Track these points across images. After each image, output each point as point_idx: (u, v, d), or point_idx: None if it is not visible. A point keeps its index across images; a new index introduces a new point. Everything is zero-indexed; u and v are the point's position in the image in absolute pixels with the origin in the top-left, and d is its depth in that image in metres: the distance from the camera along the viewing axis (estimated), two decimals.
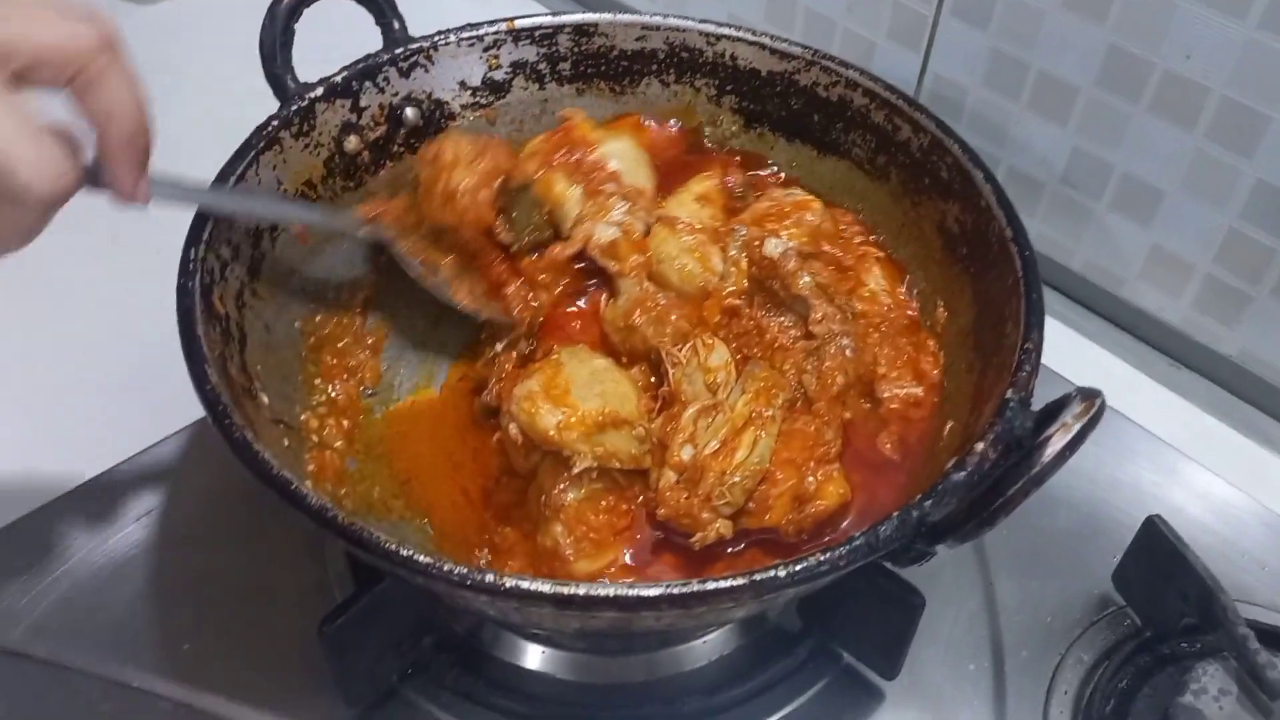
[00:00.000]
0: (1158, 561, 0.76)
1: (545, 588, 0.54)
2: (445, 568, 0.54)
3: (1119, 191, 0.97)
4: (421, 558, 0.55)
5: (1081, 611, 0.81)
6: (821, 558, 0.56)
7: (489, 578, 0.54)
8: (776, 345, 0.78)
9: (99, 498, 0.85)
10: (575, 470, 0.69)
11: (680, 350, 0.76)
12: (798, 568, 0.55)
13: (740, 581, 0.54)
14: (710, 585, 0.54)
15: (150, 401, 0.90)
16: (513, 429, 0.71)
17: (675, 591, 0.54)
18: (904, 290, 0.83)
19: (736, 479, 0.69)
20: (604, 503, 0.71)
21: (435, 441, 0.81)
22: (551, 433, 0.69)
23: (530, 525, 0.74)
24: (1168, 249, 0.96)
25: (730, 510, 0.70)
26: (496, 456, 0.78)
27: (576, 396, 0.70)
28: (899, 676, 0.75)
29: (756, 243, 0.79)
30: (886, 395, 0.77)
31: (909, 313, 0.82)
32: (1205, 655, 0.76)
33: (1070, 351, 1.01)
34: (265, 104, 0.80)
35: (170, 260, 0.69)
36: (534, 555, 0.72)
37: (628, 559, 0.71)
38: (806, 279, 0.77)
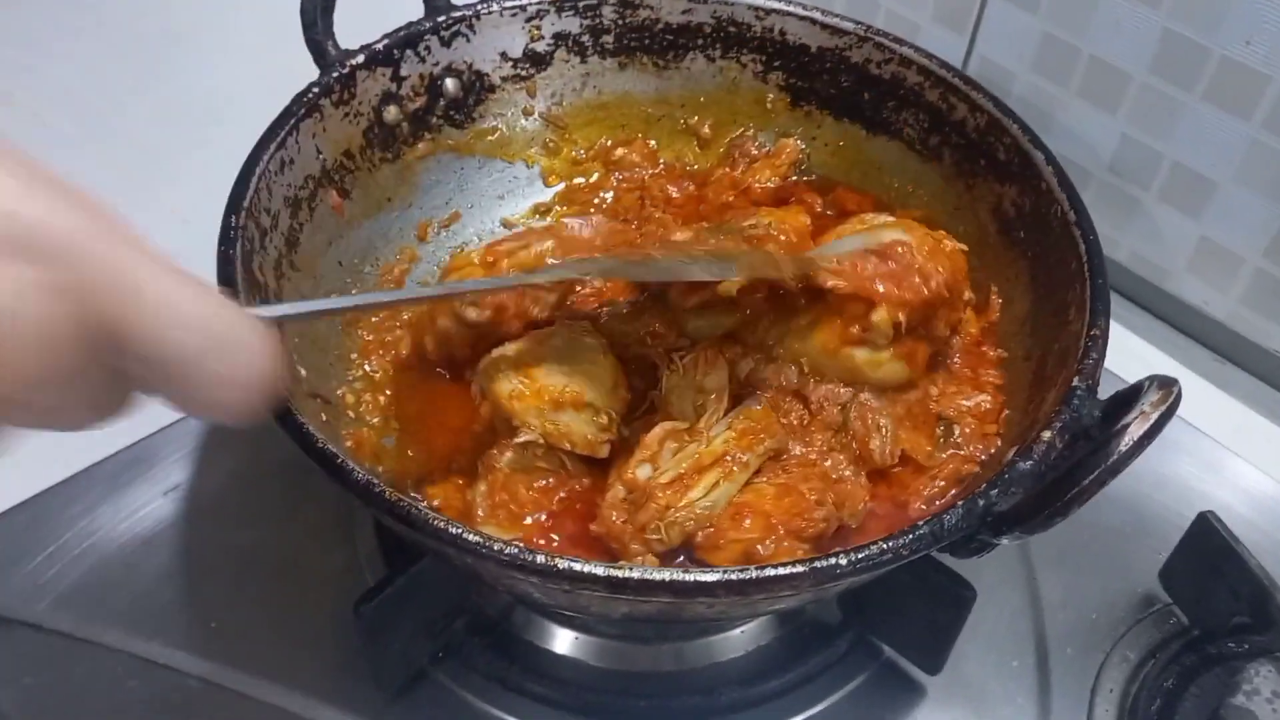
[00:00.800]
0: (1208, 559, 0.74)
1: (599, 570, 0.52)
2: (495, 547, 0.52)
3: (1169, 181, 0.94)
4: (471, 536, 0.53)
5: (1126, 609, 0.80)
6: (884, 545, 0.54)
7: (540, 559, 0.52)
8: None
9: (127, 470, 0.83)
10: (518, 440, 0.68)
11: (682, 358, 0.72)
12: (859, 556, 0.53)
13: (800, 569, 0.52)
14: (769, 572, 0.52)
15: None
16: (474, 386, 0.71)
17: (733, 578, 0.52)
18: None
19: (679, 517, 0.65)
20: (540, 482, 0.69)
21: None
22: (502, 399, 0.69)
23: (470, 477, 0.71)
24: (1217, 241, 0.94)
25: (662, 548, 0.66)
26: None
27: (543, 369, 0.69)
28: (940, 673, 0.73)
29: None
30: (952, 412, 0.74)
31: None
32: (1256, 655, 0.75)
33: (1114, 344, 0.98)
34: (306, 70, 0.78)
35: (198, 229, 0.67)
36: (449, 501, 0.70)
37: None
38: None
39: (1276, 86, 0.84)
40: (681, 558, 0.67)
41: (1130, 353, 0.99)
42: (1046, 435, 0.58)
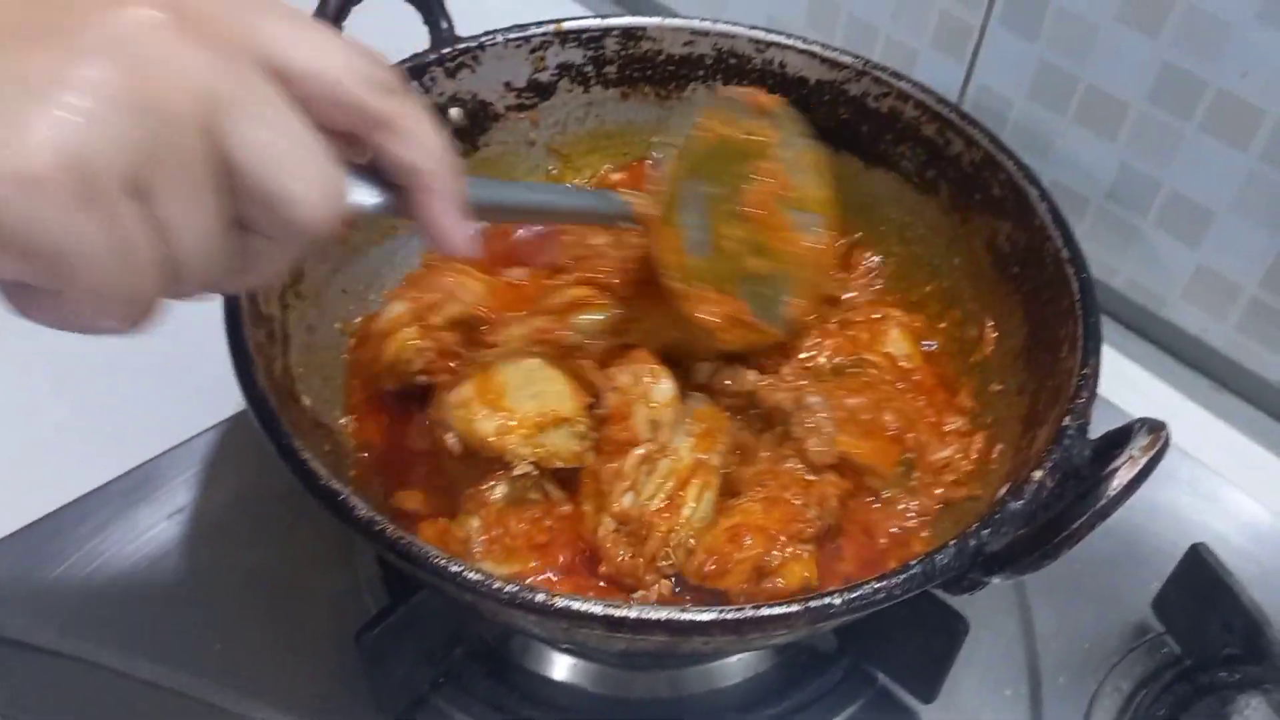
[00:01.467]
0: (1201, 590, 0.75)
1: (597, 609, 0.53)
2: (495, 585, 0.53)
3: (1166, 209, 0.95)
4: (471, 574, 0.54)
5: (1119, 638, 0.80)
6: (877, 585, 0.55)
7: (539, 597, 0.53)
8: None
9: (132, 493, 0.84)
10: (516, 472, 0.67)
11: (621, 373, 0.72)
12: (853, 595, 0.54)
13: (795, 609, 0.53)
14: (765, 611, 0.53)
15: (185, 396, 0.89)
16: (450, 438, 0.68)
17: (729, 617, 0.53)
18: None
19: (681, 537, 0.67)
20: (529, 514, 0.69)
21: None
22: (491, 438, 0.67)
23: (449, 506, 0.71)
24: (1214, 270, 0.95)
25: (673, 571, 0.68)
26: None
27: (513, 399, 0.68)
28: (935, 701, 0.74)
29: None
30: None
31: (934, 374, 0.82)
32: (1246, 687, 0.75)
33: (1110, 371, 0.98)
34: None
35: None
36: (443, 540, 0.70)
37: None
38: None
39: (1272, 119, 0.85)
40: (678, 587, 0.69)
41: (1127, 380, 0.99)
42: (1038, 475, 0.59)
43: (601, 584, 0.69)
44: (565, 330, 0.74)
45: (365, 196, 0.50)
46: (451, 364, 0.74)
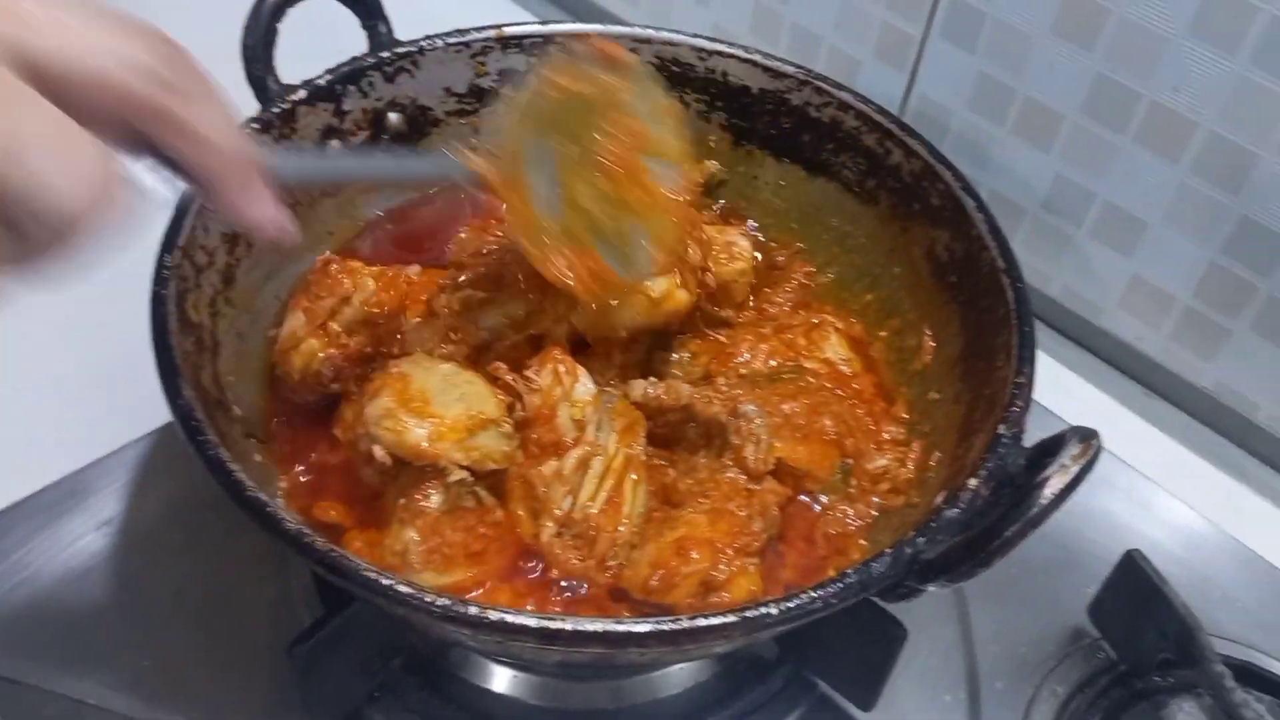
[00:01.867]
0: (1136, 597, 0.76)
1: (531, 622, 0.52)
2: (426, 599, 0.53)
3: (1101, 220, 0.97)
4: (402, 588, 0.53)
5: (1056, 644, 0.81)
6: (813, 595, 0.55)
7: (472, 610, 0.52)
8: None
9: (59, 504, 0.82)
10: (452, 479, 0.66)
11: (539, 374, 0.71)
12: (790, 605, 0.54)
13: (732, 619, 0.53)
14: (701, 622, 0.53)
15: (113, 405, 0.87)
16: (377, 451, 0.66)
17: (665, 628, 0.52)
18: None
19: (626, 533, 0.68)
20: (463, 521, 0.68)
21: None
22: (424, 445, 0.65)
23: (380, 520, 0.70)
24: (1148, 280, 0.96)
25: (621, 569, 0.68)
26: None
27: (438, 404, 0.67)
28: (874, 708, 0.74)
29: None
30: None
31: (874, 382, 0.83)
32: (1180, 691, 0.77)
33: (1047, 379, 1.00)
34: (242, 102, 0.77)
35: (135, 257, 0.66)
36: (377, 552, 0.69)
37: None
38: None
39: (1204, 132, 0.86)
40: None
41: (1063, 388, 1.01)
42: (973, 483, 0.59)
43: (553, 595, 0.69)
44: (471, 328, 0.74)
45: (161, 185, 0.49)
46: (361, 369, 0.73)
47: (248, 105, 0.77)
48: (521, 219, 0.67)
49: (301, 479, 0.74)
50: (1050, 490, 0.55)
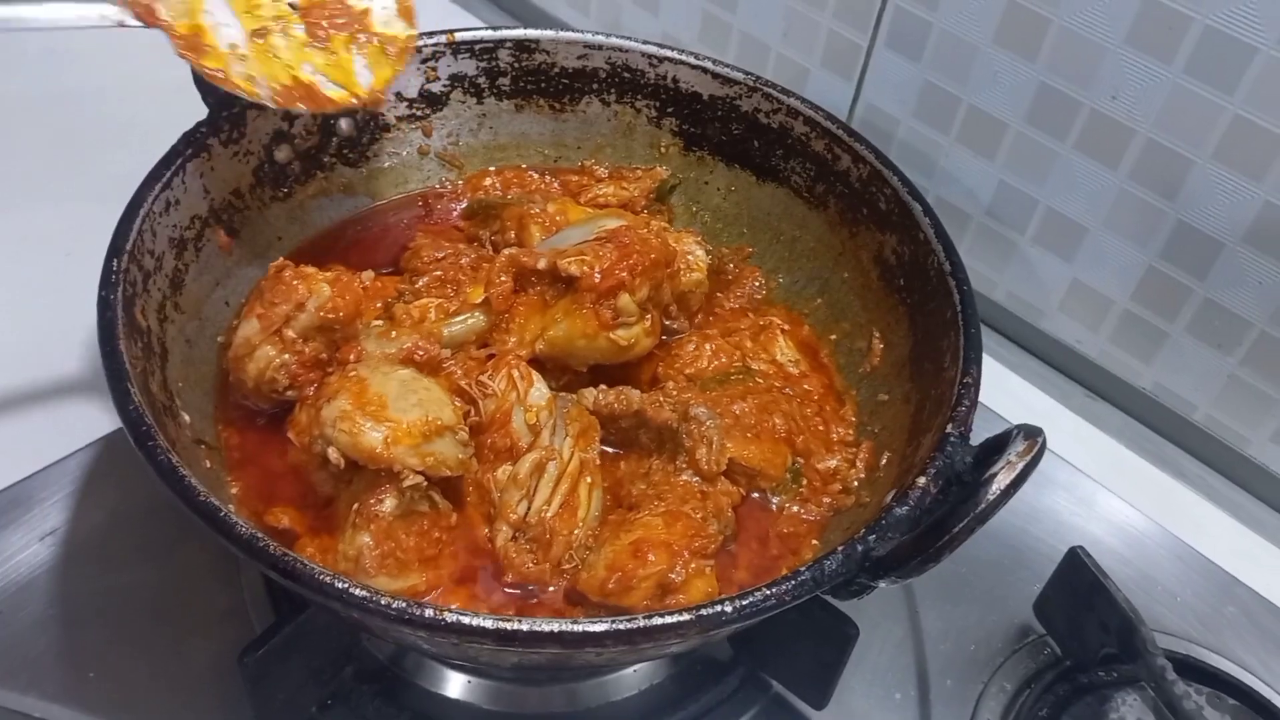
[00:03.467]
0: (1079, 593, 0.78)
1: (487, 623, 0.52)
2: (382, 602, 0.52)
3: (1043, 226, 0.99)
4: (357, 591, 0.53)
5: (1003, 640, 0.83)
6: (767, 592, 0.55)
7: (428, 612, 0.52)
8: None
9: (1, 515, 0.80)
10: (406, 483, 0.66)
11: (494, 380, 0.72)
12: (744, 603, 0.55)
13: (686, 618, 0.53)
14: (656, 621, 0.53)
15: (57, 414, 0.86)
16: (332, 453, 0.66)
17: (621, 628, 0.53)
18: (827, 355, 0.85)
19: (581, 536, 0.69)
20: (417, 526, 0.68)
21: None
22: (379, 449, 0.65)
23: (332, 526, 0.70)
24: (1088, 284, 0.99)
25: (573, 570, 0.69)
26: None
27: (395, 409, 0.67)
28: (826, 707, 0.75)
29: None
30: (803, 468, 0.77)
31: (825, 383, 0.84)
32: (1123, 685, 0.78)
33: (992, 381, 1.02)
34: (191, 104, 0.76)
35: (81, 264, 0.65)
36: (330, 557, 0.69)
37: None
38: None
39: (1140, 140, 0.89)
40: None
41: (1007, 390, 1.03)
42: (922, 481, 0.60)
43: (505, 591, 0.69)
44: (433, 346, 0.74)
45: None
46: (316, 375, 0.73)
47: (196, 108, 0.77)
48: (205, 54, 0.70)
49: (252, 485, 0.73)
50: (997, 486, 0.56)
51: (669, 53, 0.88)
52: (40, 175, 1.04)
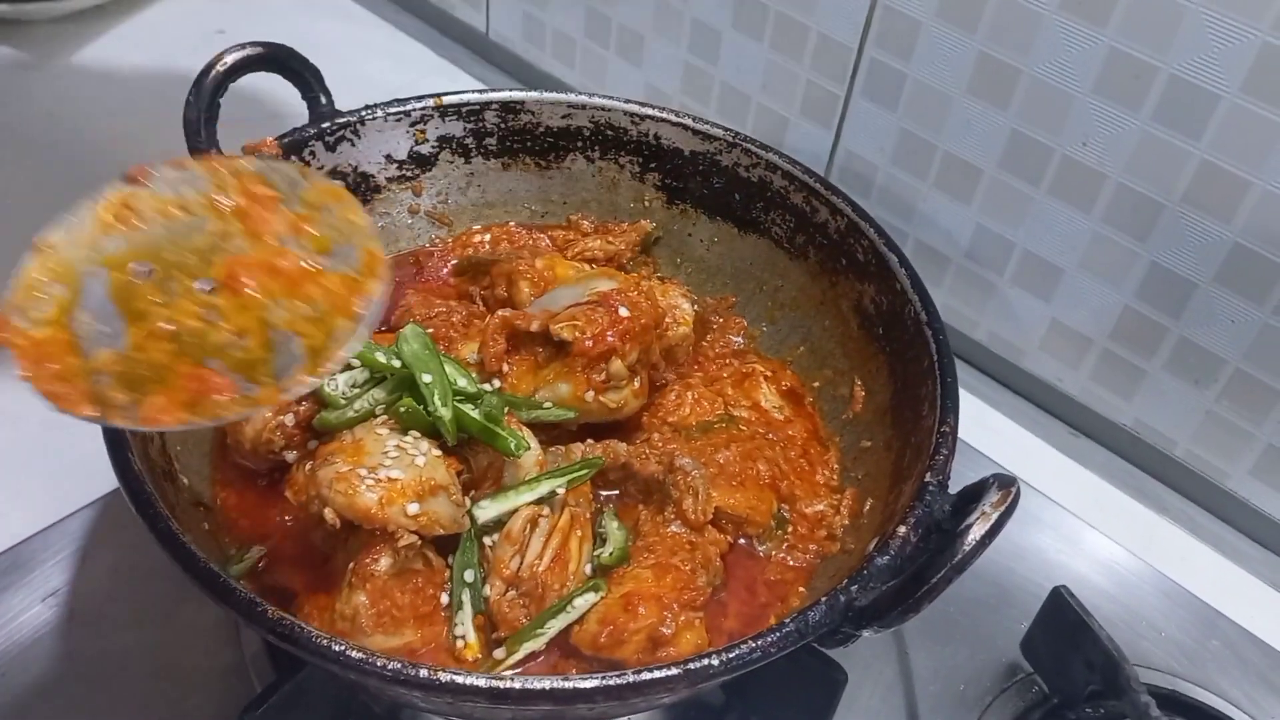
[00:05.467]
0: (1064, 631, 0.79)
1: (480, 682, 0.54)
2: (378, 663, 0.54)
3: (1020, 267, 1.01)
4: (354, 653, 0.54)
5: (992, 679, 0.84)
6: (753, 645, 0.57)
7: (423, 673, 0.54)
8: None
9: (3, 577, 0.82)
10: (401, 543, 0.67)
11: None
12: (730, 656, 0.56)
13: (675, 672, 0.55)
14: (645, 676, 0.55)
15: (55, 475, 0.87)
16: (328, 513, 0.67)
17: (611, 683, 0.54)
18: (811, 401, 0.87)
19: (570, 587, 0.70)
20: (412, 583, 0.69)
21: None
22: (374, 510, 0.66)
23: (329, 583, 0.71)
24: (1067, 323, 1.01)
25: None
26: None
27: (386, 470, 0.68)
28: None
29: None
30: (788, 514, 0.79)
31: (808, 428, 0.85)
32: None
33: (975, 419, 1.05)
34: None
35: None
36: (327, 616, 0.69)
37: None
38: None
39: (1112, 184, 0.91)
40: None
41: (990, 428, 1.04)
42: (902, 530, 0.62)
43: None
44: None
45: None
46: (312, 435, 0.74)
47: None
48: (56, 367, 0.57)
49: (249, 545, 0.74)
50: (973, 537, 0.58)
51: (650, 111, 0.90)
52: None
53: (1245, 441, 0.94)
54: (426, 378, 0.72)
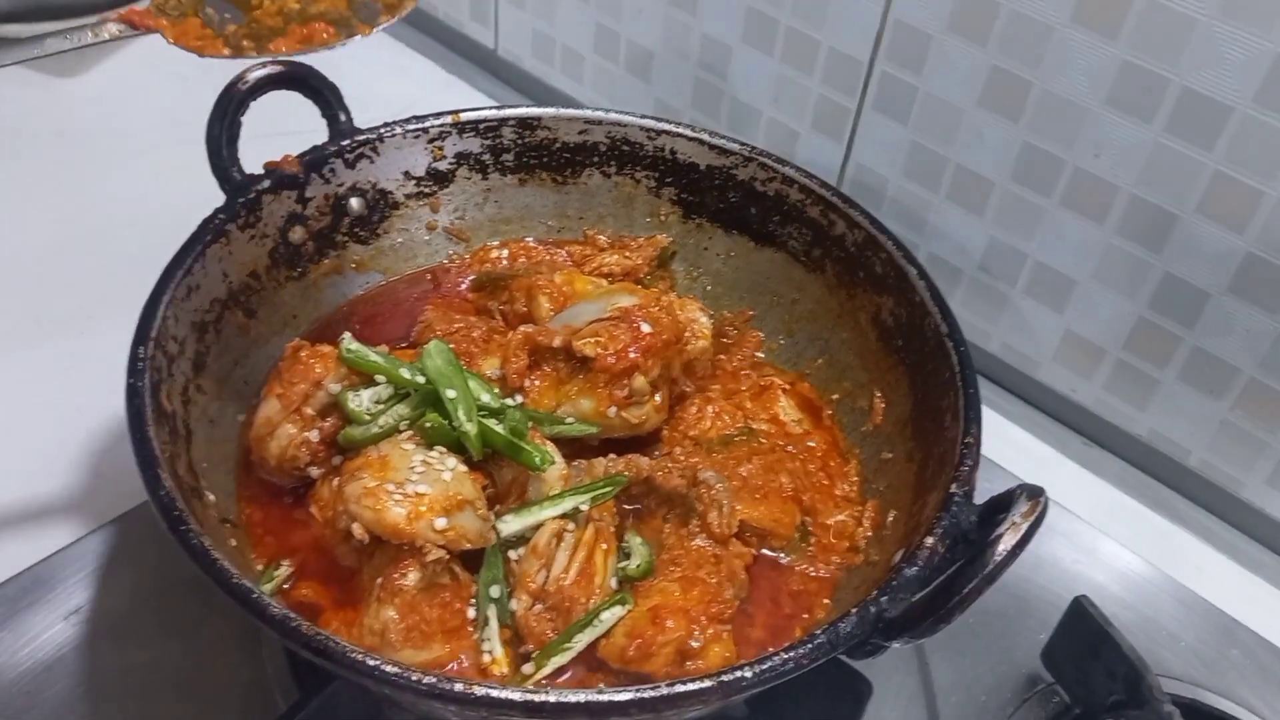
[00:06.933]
0: (1085, 641, 0.79)
1: (516, 696, 0.54)
2: (413, 677, 0.54)
3: (1033, 279, 1.02)
4: (388, 668, 0.54)
5: (1013, 690, 0.84)
6: (785, 657, 0.57)
7: (458, 686, 0.54)
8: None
9: (26, 595, 0.82)
10: (429, 558, 0.67)
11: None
12: (763, 668, 0.56)
13: (709, 684, 0.55)
14: (680, 689, 0.55)
15: (78, 492, 0.87)
16: (355, 528, 0.67)
17: (646, 696, 0.54)
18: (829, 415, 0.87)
19: (595, 600, 0.70)
20: (439, 598, 0.69)
21: None
22: (402, 525, 0.67)
23: (356, 598, 0.71)
24: (1080, 334, 1.01)
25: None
26: None
27: (417, 485, 0.69)
28: None
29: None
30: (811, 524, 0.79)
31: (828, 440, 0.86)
32: None
33: (991, 430, 1.04)
34: (201, 178, 0.79)
35: (96, 345, 0.67)
36: (355, 631, 0.69)
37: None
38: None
39: (1125, 196, 0.92)
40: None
41: (1006, 439, 1.05)
42: (929, 541, 0.62)
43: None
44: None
45: None
46: (337, 450, 0.75)
47: (213, 195, 0.79)
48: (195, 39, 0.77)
49: (276, 561, 0.74)
50: (1004, 547, 0.58)
51: (666, 126, 0.91)
52: (51, 257, 1.06)
53: (1260, 451, 0.94)
54: (451, 393, 0.72)
